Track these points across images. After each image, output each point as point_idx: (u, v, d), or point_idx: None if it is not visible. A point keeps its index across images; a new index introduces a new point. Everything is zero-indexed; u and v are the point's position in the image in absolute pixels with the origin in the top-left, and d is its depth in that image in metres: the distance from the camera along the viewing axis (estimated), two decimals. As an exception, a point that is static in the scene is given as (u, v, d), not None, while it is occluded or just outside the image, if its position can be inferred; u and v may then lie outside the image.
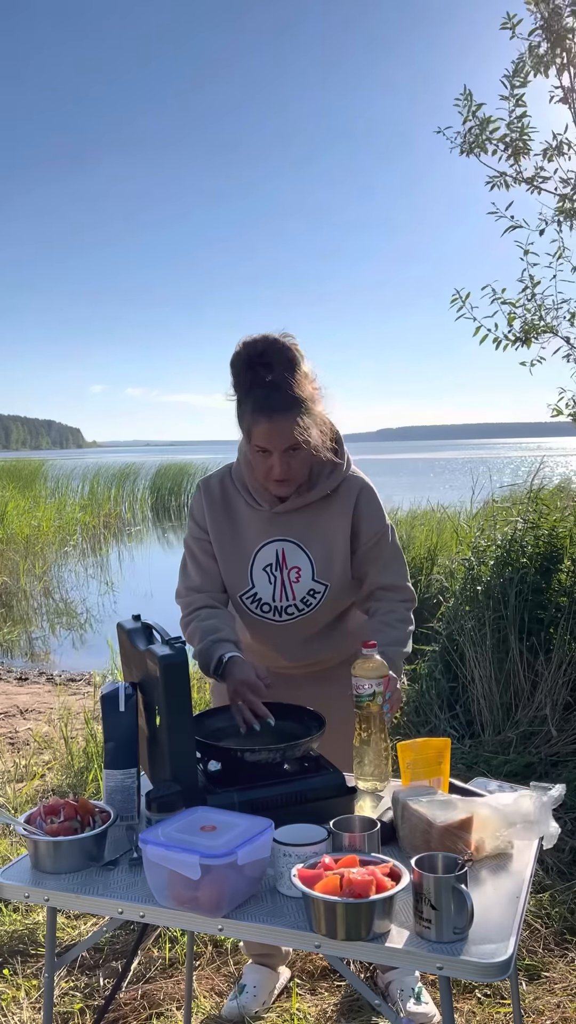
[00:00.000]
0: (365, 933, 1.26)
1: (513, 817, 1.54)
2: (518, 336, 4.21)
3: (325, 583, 2.02)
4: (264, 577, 2.04)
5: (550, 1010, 2.28)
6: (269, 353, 1.85)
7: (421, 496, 9.35)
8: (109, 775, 1.67)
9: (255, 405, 1.86)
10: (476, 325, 4.25)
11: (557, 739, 3.61)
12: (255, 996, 2.27)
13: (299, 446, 1.89)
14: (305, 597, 2.04)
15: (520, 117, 4.03)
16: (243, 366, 1.87)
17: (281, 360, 1.85)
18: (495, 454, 51.21)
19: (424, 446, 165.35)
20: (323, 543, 2.02)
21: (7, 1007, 2.36)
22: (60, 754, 4.30)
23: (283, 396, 1.84)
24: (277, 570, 2.03)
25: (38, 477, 23.23)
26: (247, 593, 2.05)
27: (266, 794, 1.62)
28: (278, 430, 1.86)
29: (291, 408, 1.85)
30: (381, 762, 1.77)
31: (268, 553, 2.03)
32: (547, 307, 4.21)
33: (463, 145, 4.17)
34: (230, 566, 2.07)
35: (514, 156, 4.10)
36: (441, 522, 7.36)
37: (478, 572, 4.19)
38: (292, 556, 2.02)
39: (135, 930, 2.63)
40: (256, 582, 2.04)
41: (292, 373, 1.85)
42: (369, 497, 2.05)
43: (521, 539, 4.11)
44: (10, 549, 13.04)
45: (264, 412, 1.85)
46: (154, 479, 23.53)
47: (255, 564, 2.04)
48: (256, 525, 2.04)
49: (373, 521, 2.04)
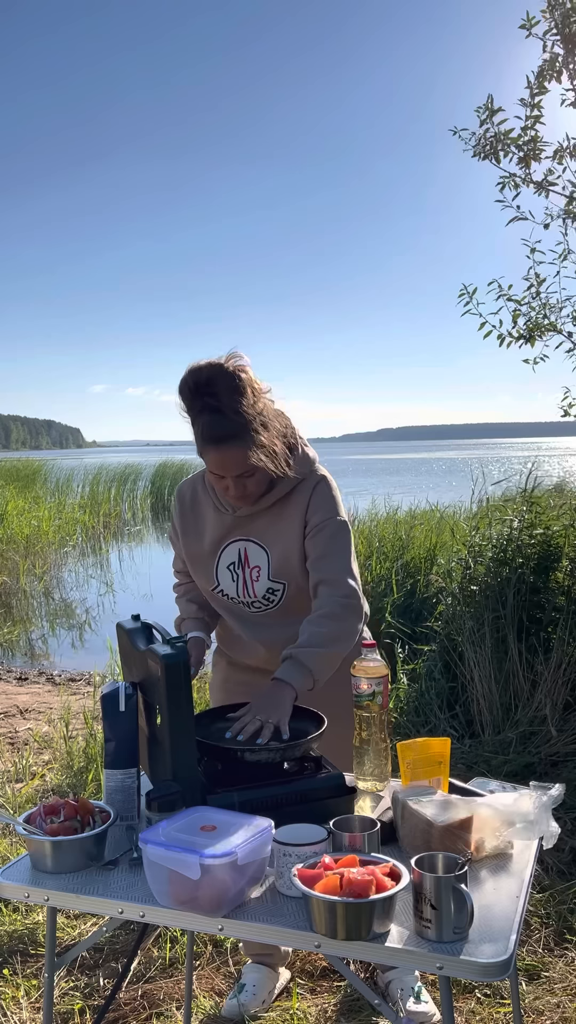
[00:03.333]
0: (365, 933, 1.27)
1: (513, 817, 1.54)
2: (522, 333, 4.23)
3: (282, 582, 2.03)
4: (228, 575, 2.07)
5: (550, 1010, 2.28)
6: (214, 380, 1.83)
7: (421, 496, 9.34)
8: (109, 775, 1.67)
9: (203, 433, 1.86)
10: (481, 321, 4.27)
11: (557, 739, 3.61)
12: (255, 995, 2.28)
13: (252, 471, 1.90)
14: (265, 595, 2.05)
15: (536, 120, 4.03)
16: (189, 393, 1.86)
17: (227, 386, 1.83)
18: (495, 454, 51.21)
19: (424, 446, 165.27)
20: (281, 542, 2.03)
21: (7, 1007, 2.36)
22: (60, 754, 4.30)
23: (229, 423, 1.83)
24: (240, 568, 2.06)
25: (38, 477, 23.21)
26: (215, 589, 2.10)
27: (266, 794, 1.62)
28: (228, 459, 1.87)
29: (238, 436, 1.84)
30: (381, 762, 1.77)
31: (231, 552, 2.07)
32: (551, 305, 4.23)
33: (477, 148, 4.18)
34: (197, 565, 2.12)
35: (525, 162, 4.11)
36: (440, 522, 7.35)
37: (474, 572, 4.20)
38: (254, 555, 2.05)
39: (135, 930, 2.63)
40: (221, 580, 2.08)
41: (239, 398, 1.83)
42: (322, 490, 2.03)
43: (518, 539, 4.11)
44: (10, 549, 13.03)
45: (211, 441, 1.85)
46: (154, 479, 23.52)
47: (220, 563, 2.08)
48: (221, 526, 2.08)
49: (320, 511, 2.01)
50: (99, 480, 22.04)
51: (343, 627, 1.95)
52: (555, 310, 4.23)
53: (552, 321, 4.22)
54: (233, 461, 1.87)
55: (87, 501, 20.14)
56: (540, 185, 4.17)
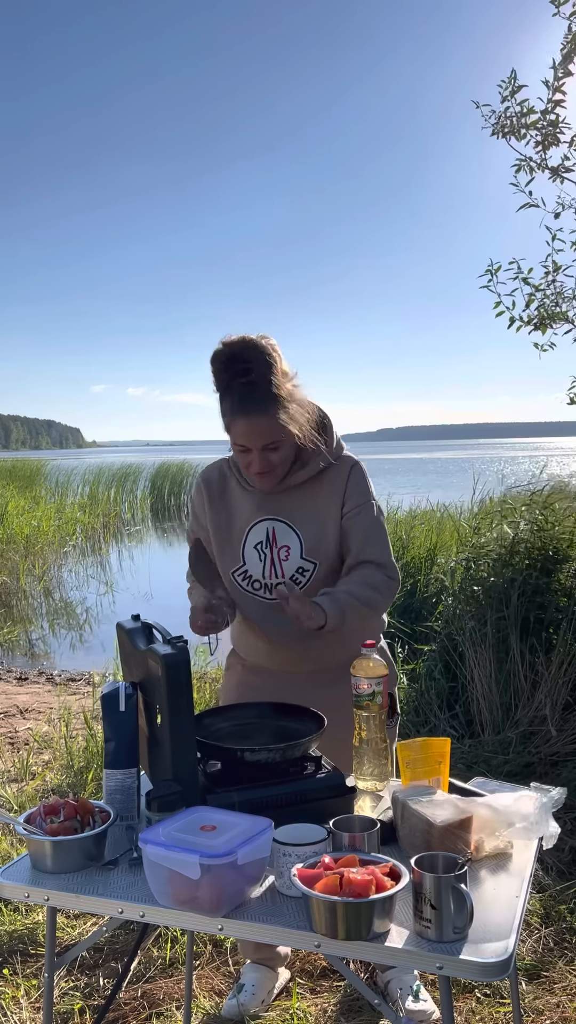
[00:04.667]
0: (365, 933, 1.26)
1: (513, 817, 1.54)
2: (532, 318, 4.25)
3: (314, 561, 2.04)
4: (255, 555, 2.07)
5: (550, 1010, 2.28)
6: (247, 352, 1.89)
7: (421, 496, 9.34)
8: (109, 775, 1.67)
9: (233, 404, 1.90)
10: (496, 300, 4.28)
11: (557, 739, 3.61)
12: (255, 995, 2.28)
13: (277, 444, 1.94)
14: (294, 575, 2.05)
15: (556, 104, 4.01)
16: (221, 365, 1.91)
17: (259, 359, 1.89)
18: (495, 453, 51.19)
19: (424, 446, 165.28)
20: (314, 522, 2.05)
21: (7, 1007, 2.36)
22: (60, 754, 4.30)
23: (260, 394, 1.89)
24: (267, 548, 2.06)
25: (38, 477, 23.22)
26: (238, 570, 2.09)
27: (266, 794, 1.62)
28: (255, 428, 1.91)
29: (268, 406, 1.89)
30: (381, 762, 1.77)
31: (259, 532, 2.07)
32: (562, 294, 4.24)
33: (496, 127, 4.16)
34: (224, 546, 2.12)
35: (543, 146, 4.10)
36: (441, 522, 7.35)
37: (476, 572, 4.19)
38: (282, 535, 2.06)
39: (135, 930, 2.63)
40: (247, 559, 2.08)
41: (270, 372, 1.90)
42: (359, 473, 2.08)
43: (527, 539, 4.11)
44: (10, 549, 13.04)
45: (241, 411, 1.90)
46: (154, 479, 23.52)
47: (247, 542, 2.08)
48: (248, 505, 2.09)
49: (358, 494, 2.06)
50: (99, 480, 22.04)
51: (381, 600, 2.02)
52: (567, 299, 4.25)
53: (563, 311, 4.24)
54: (262, 431, 1.91)
55: (87, 501, 20.15)
56: (555, 171, 4.15)
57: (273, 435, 1.92)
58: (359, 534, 2.04)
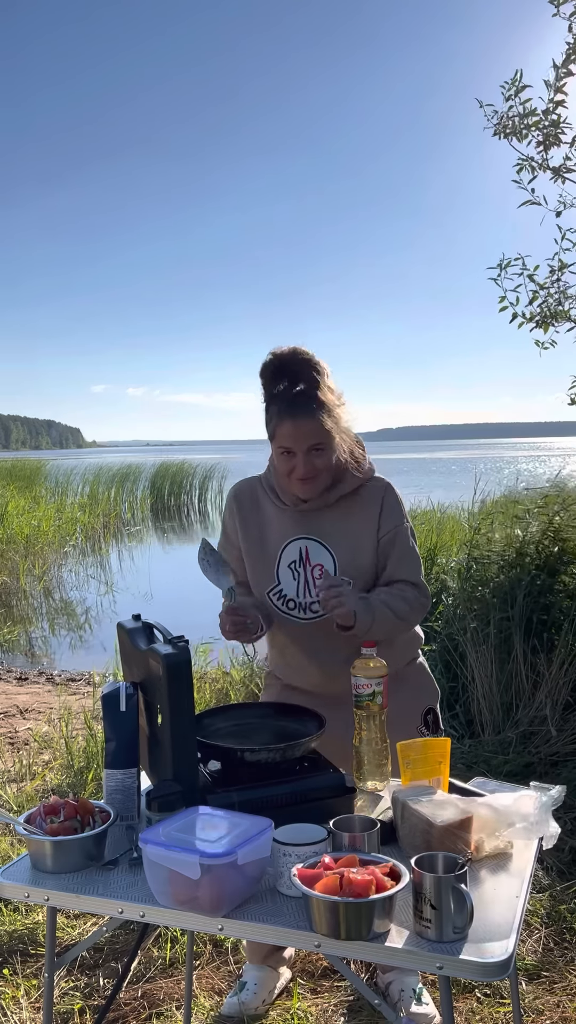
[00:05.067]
0: (365, 933, 1.26)
1: (513, 817, 1.54)
2: (535, 315, 4.27)
3: (348, 580, 2.05)
4: (289, 574, 2.09)
5: (550, 1009, 2.28)
6: (295, 362, 1.96)
7: (421, 496, 9.34)
8: (109, 775, 1.67)
9: (280, 408, 1.95)
10: (501, 295, 4.29)
11: (557, 739, 3.61)
12: (255, 994, 2.28)
13: (322, 446, 1.97)
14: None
15: (558, 104, 4.01)
16: (271, 374, 1.97)
17: (307, 370, 1.96)
18: (496, 454, 51.19)
19: (425, 446, 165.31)
20: (347, 541, 2.07)
21: (7, 1007, 2.36)
22: (60, 754, 4.30)
23: (306, 399, 1.94)
24: (300, 567, 2.08)
25: (38, 477, 23.21)
26: (274, 590, 2.11)
27: (266, 794, 1.62)
28: (301, 430, 1.94)
29: (313, 410, 1.93)
30: (381, 762, 1.77)
31: (292, 551, 2.09)
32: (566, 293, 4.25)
33: (498, 127, 4.17)
34: (258, 565, 2.13)
35: (544, 146, 4.11)
36: (441, 522, 7.35)
37: (480, 572, 4.19)
38: (315, 554, 2.08)
39: (135, 930, 2.63)
40: (282, 579, 2.10)
41: (316, 380, 1.95)
42: (392, 495, 2.13)
43: (536, 540, 4.11)
44: (10, 549, 13.04)
45: (288, 413, 1.94)
46: (154, 479, 23.51)
47: (281, 561, 2.10)
48: (282, 524, 2.11)
49: (392, 516, 2.11)
50: (99, 480, 22.04)
51: (412, 615, 2.07)
52: (571, 298, 4.26)
53: (566, 309, 4.25)
54: (307, 432, 1.94)
55: (87, 501, 20.14)
56: (556, 171, 4.16)
57: (319, 436, 1.95)
58: (394, 556, 2.09)
